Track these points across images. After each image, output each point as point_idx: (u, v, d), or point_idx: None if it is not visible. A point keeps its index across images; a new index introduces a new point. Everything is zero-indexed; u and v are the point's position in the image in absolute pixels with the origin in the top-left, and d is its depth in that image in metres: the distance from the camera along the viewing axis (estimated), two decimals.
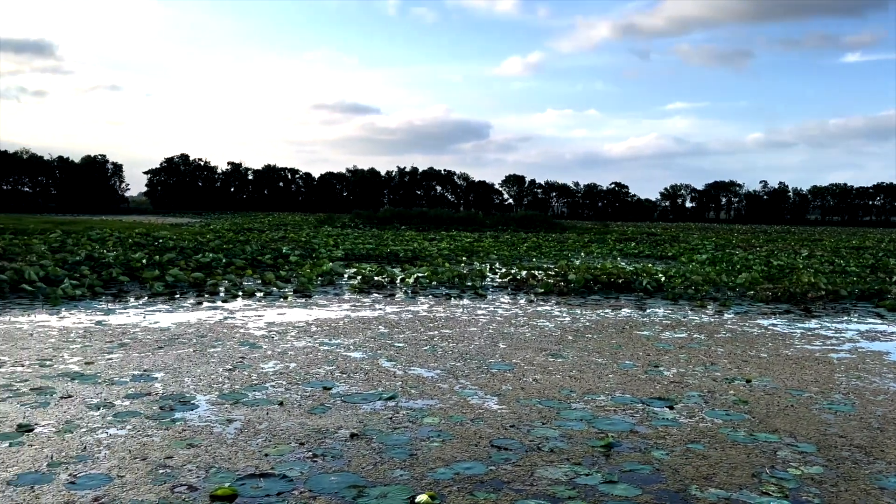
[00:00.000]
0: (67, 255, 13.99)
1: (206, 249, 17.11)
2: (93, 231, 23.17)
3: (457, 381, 5.70)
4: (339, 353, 6.68)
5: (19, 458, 3.72)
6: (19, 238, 19.04)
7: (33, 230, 23.16)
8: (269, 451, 3.92)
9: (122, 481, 3.43)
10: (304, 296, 11.04)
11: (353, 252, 19.33)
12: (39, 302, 9.61)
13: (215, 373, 5.77)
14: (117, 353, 6.42)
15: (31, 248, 15.33)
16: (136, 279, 12.07)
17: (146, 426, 4.31)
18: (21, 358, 6.14)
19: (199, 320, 8.46)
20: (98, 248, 16.44)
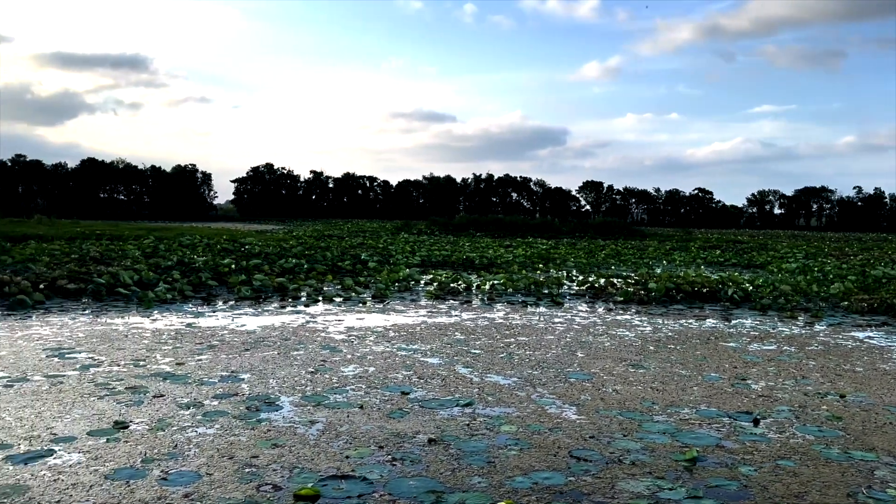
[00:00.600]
0: (160, 260, 14.69)
1: (289, 255, 17.61)
2: (183, 237, 24.25)
3: (534, 389, 5.65)
4: (417, 359, 6.74)
5: (115, 453, 3.91)
6: (115, 244, 20.14)
7: (128, 236, 24.45)
8: (349, 453, 3.99)
9: (210, 479, 3.56)
10: (382, 301, 11.20)
11: (429, 258, 19.49)
12: (134, 304, 10.12)
13: (298, 375, 5.93)
14: (206, 355, 6.69)
15: (127, 253, 16.18)
16: (223, 283, 12.54)
17: (233, 426, 4.46)
18: (117, 358, 6.48)
19: (283, 324, 8.71)
20: (188, 253, 17.19)
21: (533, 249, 24.97)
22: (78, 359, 6.38)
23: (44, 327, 8.06)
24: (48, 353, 6.56)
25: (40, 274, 11.54)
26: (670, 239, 39.58)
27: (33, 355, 6.48)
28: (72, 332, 7.75)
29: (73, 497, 3.29)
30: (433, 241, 30.32)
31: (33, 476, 3.53)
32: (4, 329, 7.87)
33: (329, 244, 23.78)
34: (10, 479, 3.47)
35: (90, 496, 3.30)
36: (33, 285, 10.56)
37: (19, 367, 5.99)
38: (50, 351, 6.69)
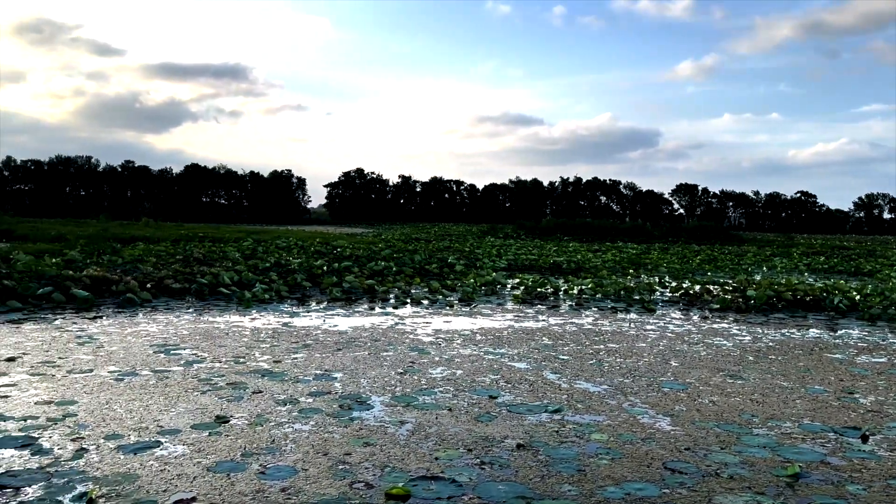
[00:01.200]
0: (258, 261, 15.29)
1: (378, 258, 17.95)
2: (279, 240, 25.15)
3: (625, 397, 5.52)
4: (504, 363, 6.72)
5: (217, 446, 4.09)
6: (217, 245, 21.10)
7: (228, 238, 25.57)
8: (439, 454, 4.03)
9: (305, 474, 3.67)
10: (469, 304, 11.24)
11: (515, 262, 19.42)
12: (234, 304, 10.57)
13: (388, 375, 6.03)
14: (301, 354, 6.91)
15: (227, 254, 16.93)
16: (317, 285, 12.92)
17: (327, 423, 4.59)
18: (218, 355, 6.78)
19: (373, 325, 8.88)
20: (284, 255, 17.81)
21: (623, 254, 24.44)
22: (182, 355, 6.72)
23: (151, 324, 8.54)
24: (155, 349, 6.95)
25: (148, 274, 12.23)
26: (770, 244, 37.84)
27: (141, 351, 6.87)
28: (176, 330, 8.17)
29: (177, 487, 3.46)
30: (519, 244, 30.18)
31: (142, 465, 3.74)
32: (115, 326, 8.38)
33: (416, 247, 24.09)
34: (120, 468, 3.69)
35: (193, 487, 3.47)
36: (141, 284, 11.21)
37: (129, 361, 6.37)
38: (157, 347, 7.08)
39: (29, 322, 8.43)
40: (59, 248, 18.03)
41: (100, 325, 8.34)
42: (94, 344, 7.14)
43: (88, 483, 3.46)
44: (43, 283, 10.61)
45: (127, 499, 3.29)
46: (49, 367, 6.04)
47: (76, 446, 4.00)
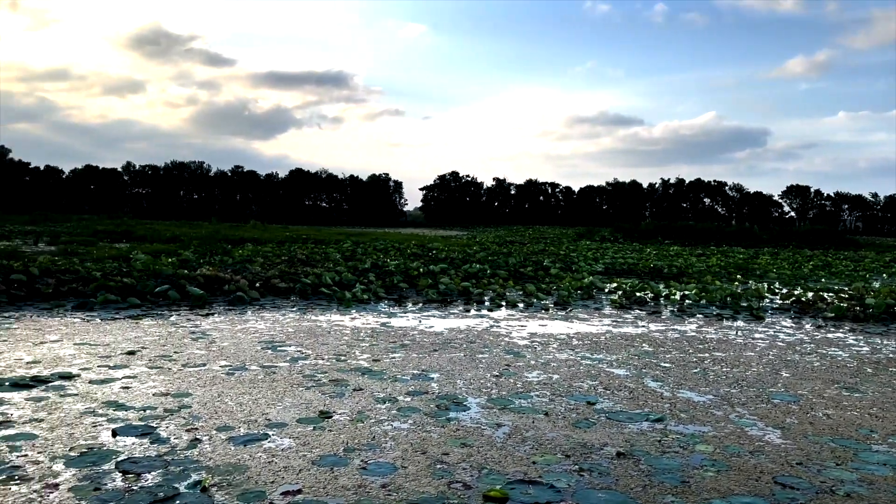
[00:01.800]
0: (357, 262, 15.69)
1: (472, 260, 18.04)
2: (377, 242, 25.73)
3: (732, 408, 5.30)
4: (602, 369, 6.60)
5: (321, 441, 4.23)
6: (319, 247, 21.81)
7: (329, 240, 26.38)
8: (536, 458, 4.00)
9: (405, 472, 3.74)
10: (565, 308, 11.10)
11: (613, 266, 19.02)
12: (335, 304, 10.89)
13: (484, 378, 6.04)
14: (399, 353, 7.04)
15: (329, 255, 17.47)
16: (413, 286, 13.12)
17: (425, 422, 4.65)
18: (321, 352, 7.00)
19: (468, 327, 8.93)
20: (381, 257, 18.20)
21: (729, 259, 23.46)
22: (288, 352, 6.99)
23: (258, 322, 8.93)
24: (263, 346, 7.26)
25: (255, 273, 12.80)
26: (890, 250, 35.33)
27: (250, 347, 7.19)
28: (282, 327, 8.51)
29: (284, 479, 3.60)
30: (617, 248, 29.53)
31: (251, 457, 3.91)
32: (226, 322, 8.82)
33: (511, 250, 24.01)
34: (231, 459, 3.87)
35: (299, 479, 3.60)
36: (250, 284, 11.74)
37: (239, 357, 6.68)
38: (264, 343, 7.39)
39: (147, 318, 9.00)
40: (175, 248, 19.16)
41: (212, 322, 8.79)
42: (206, 339, 7.54)
43: (202, 472, 3.66)
44: (160, 281, 11.30)
45: (237, 488, 3.46)
46: (166, 360, 6.43)
47: (190, 436, 4.23)
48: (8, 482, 3.43)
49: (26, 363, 6.11)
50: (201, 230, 32.07)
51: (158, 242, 23.15)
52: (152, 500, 3.29)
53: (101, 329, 8.03)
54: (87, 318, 8.77)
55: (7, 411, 4.65)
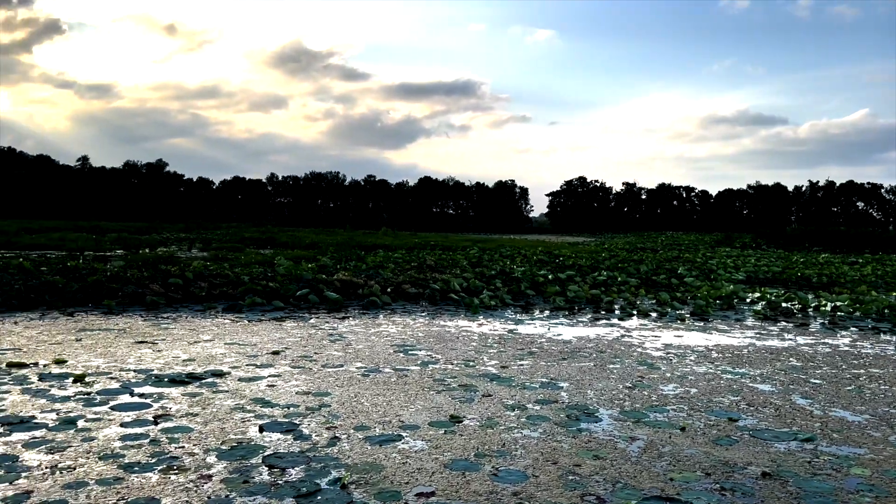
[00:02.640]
0: (484, 269, 15.81)
1: (601, 268, 17.66)
2: (503, 248, 25.78)
3: (892, 430, 4.85)
4: (745, 384, 6.24)
5: (452, 444, 4.29)
6: (447, 253, 22.17)
7: (456, 246, 26.75)
8: (673, 475, 3.85)
9: (536, 481, 3.71)
10: (702, 319, 10.61)
11: (755, 275, 17.97)
12: (462, 309, 11.02)
13: (615, 389, 5.89)
14: (527, 361, 7.01)
15: (456, 262, 17.71)
16: (540, 293, 13.03)
17: (555, 432, 4.60)
18: (450, 357, 7.11)
19: (598, 336, 8.74)
20: (508, 263, 18.22)
21: (886, 267, 21.52)
22: (419, 355, 7.15)
23: (390, 326, 9.20)
24: (395, 349, 7.47)
25: (387, 279, 13.20)
26: None
27: (383, 350, 7.43)
28: (413, 332, 8.72)
29: (418, 480, 3.68)
30: (759, 255, 27.86)
31: (386, 457, 4.03)
32: (360, 326, 9.15)
33: (642, 257, 23.28)
34: (368, 458, 4.01)
35: (432, 482, 3.67)
36: (382, 288, 12.13)
37: (373, 359, 6.92)
38: (396, 347, 7.61)
39: (289, 320, 9.51)
40: (313, 254, 20.15)
41: (347, 325, 9.16)
42: (343, 342, 7.87)
43: (341, 469, 3.81)
44: (301, 285, 11.91)
45: (374, 487, 3.57)
46: (306, 360, 6.77)
47: (330, 434, 4.43)
48: (167, 472, 3.73)
49: (183, 361, 6.64)
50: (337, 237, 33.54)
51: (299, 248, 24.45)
52: (296, 494, 3.47)
53: (249, 330, 8.58)
54: (236, 320, 9.39)
55: (167, 405, 5.06)
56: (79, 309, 9.94)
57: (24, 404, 4.97)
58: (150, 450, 4.05)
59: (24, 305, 9.97)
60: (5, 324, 8.56)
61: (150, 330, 8.37)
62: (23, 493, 3.37)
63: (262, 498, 3.42)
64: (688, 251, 29.62)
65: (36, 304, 10.11)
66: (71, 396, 5.20)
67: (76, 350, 7.01)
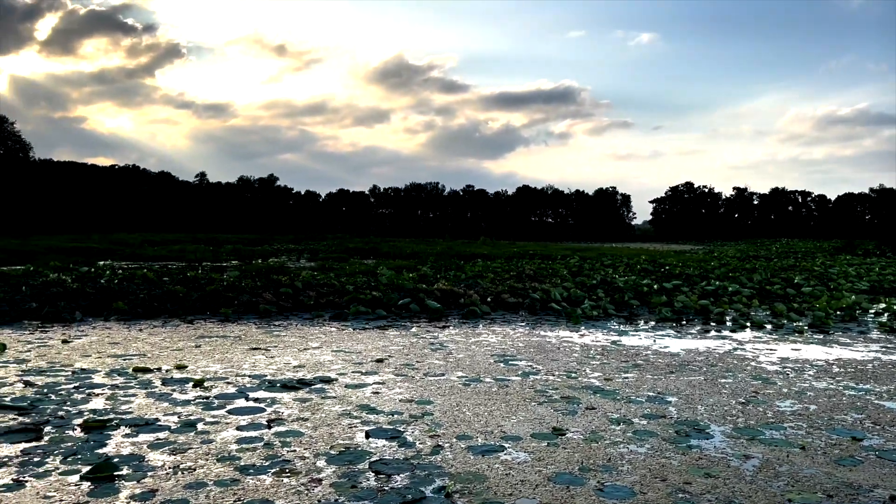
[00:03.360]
0: (585, 278, 15.55)
1: (710, 277, 16.98)
2: (605, 257, 25.27)
3: None
4: (870, 401, 5.83)
5: (555, 457, 4.24)
6: (546, 262, 21.97)
7: (556, 255, 26.46)
8: (792, 496, 3.64)
9: (644, 498, 3.61)
10: (822, 332, 9.99)
11: (880, 284, 16.76)
12: (563, 319, 10.88)
13: (728, 404, 5.64)
14: (632, 374, 6.83)
15: (556, 271, 17.52)
16: (644, 304, 12.68)
17: (663, 448, 4.46)
18: (551, 368, 7.03)
19: (708, 349, 8.41)
20: (610, 273, 17.84)
21: None
22: (519, 366, 7.12)
23: (490, 335, 9.20)
24: (495, 359, 7.47)
25: (486, 288, 13.23)
26: None
27: (484, 359, 7.44)
28: (513, 342, 8.69)
29: (521, 492, 3.66)
30: (885, 263, 25.95)
31: (489, 467, 4.04)
32: (461, 335, 9.21)
33: (755, 265, 22.21)
34: (471, 468, 4.03)
35: (536, 494, 3.64)
36: (481, 298, 12.17)
37: (474, 368, 6.95)
38: (496, 357, 7.60)
39: (392, 328, 9.71)
40: (414, 263, 20.49)
41: (448, 334, 9.24)
42: (444, 351, 7.95)
43: (445, 478, 3.85)
44: (402, 294, 12.14)
45: (478, 497, 3.58)
46: (409, 369, 6.88)
47: (433, 443, 4.48)
48: (280, 474, 3.89)
49: (293, 367, 6.91)
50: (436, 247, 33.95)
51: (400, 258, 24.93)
52: (402, 501, 3.53)
53: (354, 338, 8.82)
54: (342, 328, 9.68)
55: (279, 409, 5.28)
56: (198, 316, 10.54)
57: (149, 407, 5.31)
58: (263, 453, 4.24)
59: (148, 313, 10.68)
60: (132, 331, 9.20)
61: (263, 337, 8.76)
62: (148, 492, 3.60)
63: (369, 503, 3.50)
64: (805, 259, 28.00)
65: (159, 312, 10.81)
66: (191, 400, 5.52)
67: (196, 356, 7.43)
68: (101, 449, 4.27)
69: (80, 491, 3.60)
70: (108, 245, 29.23)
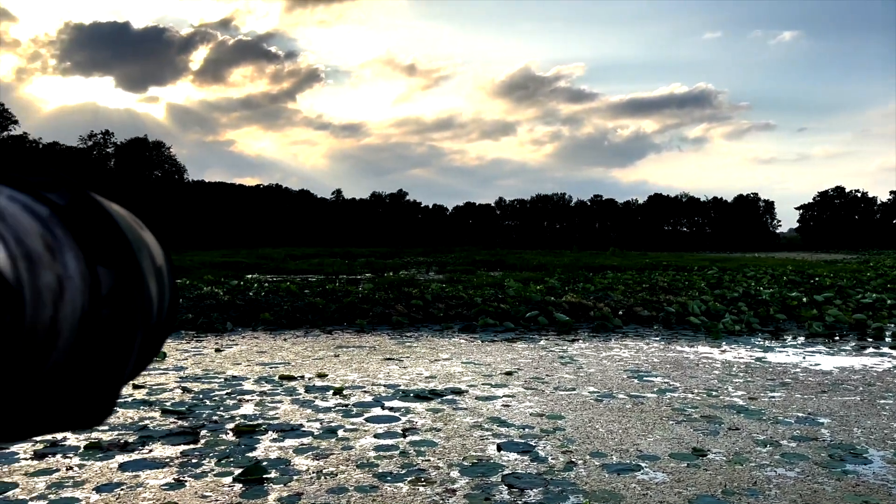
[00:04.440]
0: (725, 290, 14.79)
1: (866, 289, 15.66)
2: (746, 268, 23.92)
3: None
4: None
5: (696, 479, 4.06)
6: (681, 274, 21.11)
7: (692, 266, 25.36)
8: None
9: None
10: None
11: None
12: (702, 334, 10.40)
13: (888, 427, 5.18)
14: (779, 392, 6.42)
15: (692, 283, 16.79)
16: (792, 318, 11.89)
17: (815, 472, 4.16)
18: (690, 386, 6.75)
19: (864, 366, 7.75)
20: (753, 285, 16.87)
21: None
22: (654, 382, 6.89)
23: (622, 350, 8.97)
24: (628, 374, 7.27)
25: (617, 301, 12.90)
26: None
27: (616, 375, 7.26)
28: (647, 357, 8.42)
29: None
30: None
31: (625, 487, 3.93)
32: (591, 349, 9.04)
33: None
34: (605, 486, 3.94)
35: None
36: (612, 311, 11.88)
37: (605, 384, 6.80)
38: (630, 372, 7.40)
39: (520, 341, 9.69)
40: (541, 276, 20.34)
41: (577, 348, 9.10)
42: (574, 364, 7.83)
43: (579, 495, 3.79)
44: (530, 307, 12.09)
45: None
46: (539, 382, 6.84)
47: (566, 458, 4.43)
48: (416, 483, 3.99)
49: (425, 378, 7.06)
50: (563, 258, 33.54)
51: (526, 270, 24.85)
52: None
53: (483, 350, 8.89)
54: (471, 340, 9.79)
55: (413, 419, 5.42)
56: (336, 327, 11.02)
57: (294, 413, 5.62)
58: (399, 461, 4.37)
59: (291, 324, 11.30)
60: (277, 340, 9.77)
61: (395, 348, 9.03)
62: (294, 495, 3.81)
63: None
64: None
65: (301, 322, 11.41)
66: (332, 407, 5.78)
67: (335, 365, 7.78)
68: (251, 452, 4.56)
69: (233, 492, 3.87)
70: (255, 259, 31.21)
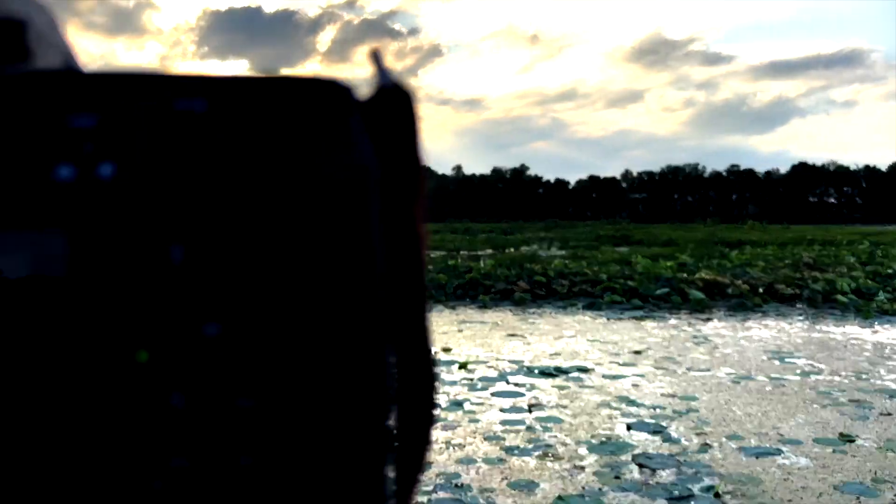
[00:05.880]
0: (878, 267, 13.64)
1: None
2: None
3: None
4: None
5: (843, 465, 3.82)
6: (827, 249, 19.66)
7: (840, 241, 23.54)
8: None
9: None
10: None
11: None
12: (851, 313, 9.67)
13: None
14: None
15: (840, 259, 15.60)
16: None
17: None
18: (837, 368, 6.31)
19: None
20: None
21: None
22: (797, 364, 6.49)
23: (762, 329, 8.51)
24: (769, 355, 6.89)
25: (757, 278, 12.22)
26: None
27: (755, 356, 6.91)
28: (789, 337, 7.94)
29: (802, 500, 3.37)
30: None
31: (764, 471, 3.76)
32: (728, 328, 8.64)
33: None
34: (743, 469, 3.78)
35: (819, 502, 3.32)
36: (751, 288, 11.27)
37: (744, 365, 6.48)
38: (770, 353, 7.01)
39: (649, 319, 9.42)
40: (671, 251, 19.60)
41: (712, 327, 8.73)
42: (708, 344, 7.52)
43: (714, 477, 3.66)
44: (660, 284, 11.70)
45: (751, 500, 3.36)
46: (670, 362, 6.63)
47: (700, 441, 4.28)
48: (544, 458, 4.00)
49: (549, 354, 7.03)
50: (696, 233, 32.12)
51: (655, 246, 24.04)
52: (668, 497, 3.44)
53: (609, 328, 8.72)
54: (595, 317, 9.63)
55: (538, 395, 5.43)
56: (458, 302, 11.19)
57: None
58: (526, 435, 4.40)
59: None
60: None
61: (518, 324, 9.05)
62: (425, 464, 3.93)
63: (633, 495, 3.47)
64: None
65: None
66: (457, 381, 5.90)
67: (459, 339, 7.92)
68: None
69: None
70: None
